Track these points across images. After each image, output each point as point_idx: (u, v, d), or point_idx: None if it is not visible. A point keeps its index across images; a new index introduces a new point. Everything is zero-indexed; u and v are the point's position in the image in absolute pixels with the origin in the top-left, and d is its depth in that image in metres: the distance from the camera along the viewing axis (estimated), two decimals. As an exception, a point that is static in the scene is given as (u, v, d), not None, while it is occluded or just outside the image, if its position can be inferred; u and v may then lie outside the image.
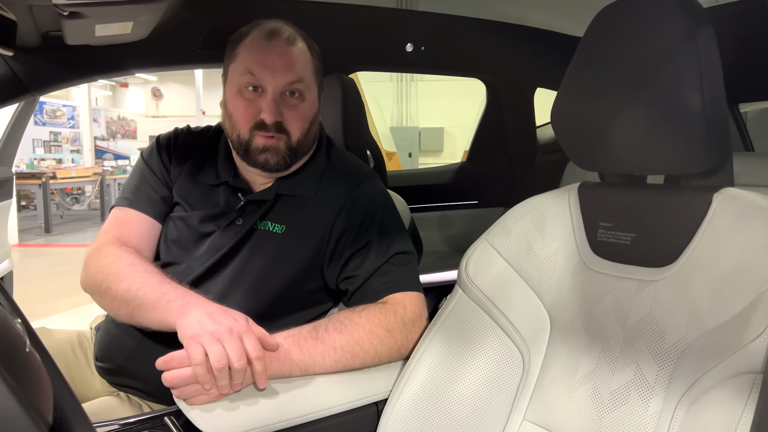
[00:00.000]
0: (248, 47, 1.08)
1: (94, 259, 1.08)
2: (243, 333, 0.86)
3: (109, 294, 1.02)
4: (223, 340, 0.84)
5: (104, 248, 1.09)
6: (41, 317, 3.85)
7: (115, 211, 1.17)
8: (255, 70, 1.05)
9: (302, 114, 1.09)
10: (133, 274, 1.01)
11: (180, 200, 1.17)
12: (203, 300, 0.93)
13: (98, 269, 1.06)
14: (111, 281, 1.02)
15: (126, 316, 1.00)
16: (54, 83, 1.37)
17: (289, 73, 1.06)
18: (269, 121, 1.05)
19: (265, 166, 1.09)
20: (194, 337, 0.84)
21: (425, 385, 0.96)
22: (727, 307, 0.71)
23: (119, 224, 1.14)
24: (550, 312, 0.92)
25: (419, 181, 2.49)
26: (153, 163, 1.20)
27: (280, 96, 1.06)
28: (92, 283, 1.07)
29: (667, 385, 0.75)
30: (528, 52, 2.13)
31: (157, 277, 1.00)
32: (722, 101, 0.77)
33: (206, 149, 1.20)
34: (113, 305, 1.03)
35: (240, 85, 1.07)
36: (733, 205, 0.76)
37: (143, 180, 1.19)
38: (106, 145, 12.66)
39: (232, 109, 1.09)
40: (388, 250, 1.09)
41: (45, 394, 0.45)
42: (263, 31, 1.08)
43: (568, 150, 0.93)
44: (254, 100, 1.06)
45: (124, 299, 0.98)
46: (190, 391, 0.85)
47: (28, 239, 7.35)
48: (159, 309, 0.93)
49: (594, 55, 0.86)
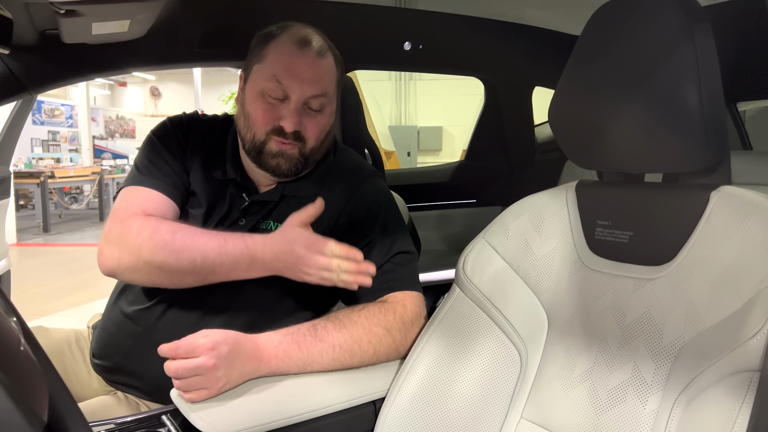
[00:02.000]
0: (278, 52, 1.05)
1: (124, 234, 1.01)
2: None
3: (166, 268, 0.98)
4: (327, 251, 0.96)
5: (132, 221, 1.02)
6: (39, 316, 3.85)
7: (131, 190, 1.09)
8: (282, 78, 1.03)
9: (321, 125, 1.08)
10: (185, 242, 0.98)
11: (195, 190, 1.14)
12: (260, 241, 0.98)
13: (139, 244, 0.99)
14: (164, 255, 0.97)
15: (195, 282, 1.01)
16: (51, 82, 1.37)
17: (315, 86, 1.05)
18: (289, 130, 1.04)
19: (276, 171, 1.08)
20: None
21: (423, 383, 0.96)
22: (725, 305, 0.71)
23: (141, 200, 1.07)
24: (548, 310, 0.92)
25: (418, 180, 2.49)
26: (170, 144, 1.14)
27: (302, 106, 1.05)
28: (134, 260, 1.00)
29: (665, 383, 0.75)
30: (526, 50, 2.13)
31: (214, 239, 0.99)
32: (720, 99, 0.77)
33: (216, 142, 1.17)
34: (174, 277, 1.00)
35: (264, 89, 1.04)
36: (730, 203, 0.76)
37: (160, 158, 1.12)
38: (104, 144, 12.64)
39: (250, 110, 1.07)
40: (390, 250, 1.09)
41: (40, 393, 0.45)
42: (295, 36, 1.05)
43: (566, 148, 0.93)
44: (276, 106, 1.05)
45: (188, 270, 0.98)
46: (190, 384, 0.85)
47: (26, 238, 7.34)
48: (237, 270, 0.99)
49: (591, 53, 0.86)
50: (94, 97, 13.29)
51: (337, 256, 0.96)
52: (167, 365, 0.85)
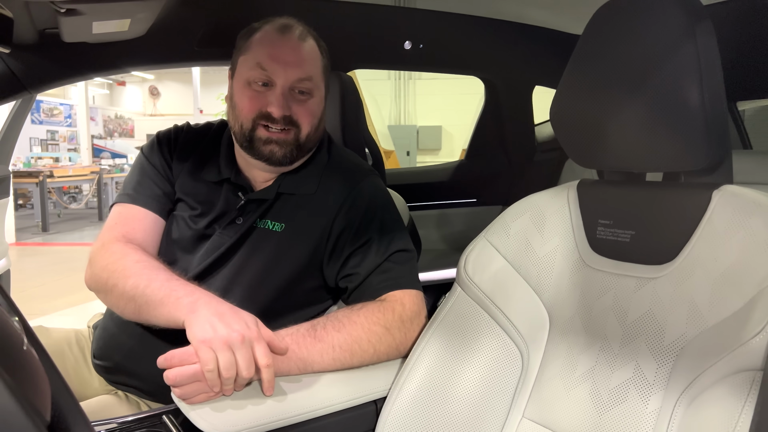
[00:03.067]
0: (260, 40, 1.07)
1: (99, 256, 1.06)
2: (254, 340, 0.85)
3: (116, 291, 1.00)
4: (235, 348, 0.83)
5: (110, 245, 1.07)
6: (39, 316, 3.85)
7: (117, 208, 1.15)
8: (266, 64, 1.05)
9: (311, 109, 1.09)
10: (140, 271, 0.99)
11: (182, 197, 1.16)
12: (213, 297, 0.92)
13: (104, 266, 1.04)
14: (117, 278, 1.00)
15: (133, 313, 0.98)
16: (51, 81, 1.37)
17: (299, 68, 1.06)
18: (277, 115, 1.05)
19: (271, 159, 1.08)
20: (206, 341, 0.83)
21: (424, 383, 0.96)
22: (727, 305, 0.71)
23: (123, 221, 1.12)
24: (549, 310, 0.92)
25: (418, 179, 2.49)
26: (155, 159, 1.18)
27: (288, 91, 1.06)
28: (98, 280, 1.05)
29: (667, 382, 0.75)
30: (526, 49, 2.13)
31: (165, 273, 0.98)
32: (722, 98, 0.77)
33: (208, 146, 1.19)
34: (120, 303, 1.01)
35: (249, 78, 1.06)
36: (732, 202, 0.76)
37: (145, 176, 1.17)
38: (103, 143, 12.62)
39: (237, 100, 1.09)
40: (388, 248, 1.09)
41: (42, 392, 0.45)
42: (275, 25, 1.08)
43: (566, 148, 0.93)
44: (262, 93, 1.06)
45: (131, 296, 0.97)
46: (190, 390, 0.85)
47: (25, 238, 7.34)
48: (167, 306, 0.91)
49: (593, 52, 0.86)
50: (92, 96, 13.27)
51: (246, 368, 0.84)
52: (166, 374, 0.84)
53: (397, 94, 9.93)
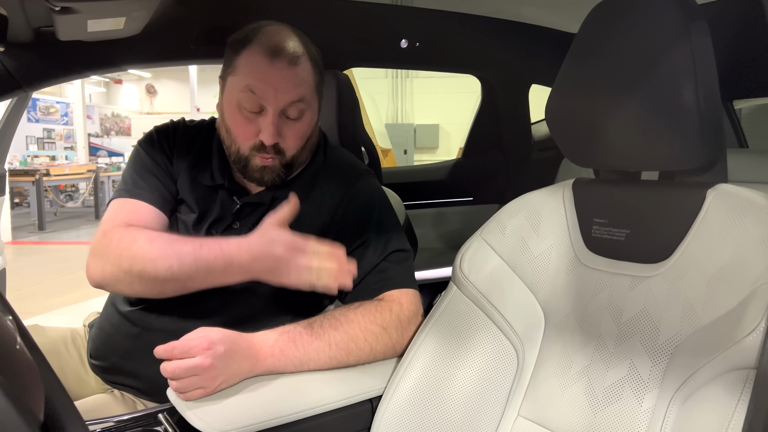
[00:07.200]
0: (250, 63, 1.03)
1: (105, 245, 1.02)
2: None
3: (146, 276, 0.97)
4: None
5: (114, 232, 1.03)
6: (35, 315, 3.84)
7: (117, 202, 1.10)
8: (256, 89, 1.02)
9: (300, 132, 1.08)
10: (162, 249, 0.96)
11: (184, 197, 1.14)
12: (235, 244, 0.94)
13: (119, 254, 0.99)
14: (143, 263, 0.97)
15: (175, 291, 0.99)
16: (46, 79, 1.36)
17: (291, 93, 1.03)
18: (268, 143, 1.04)
19: (260, 182, 1.09)
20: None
21: (420, 381, 0.96)
22: (721, 303, 0.71)
23: (125, 212, 1.08)
24: (545, 308, 0.92)
25: (414, 177, 2.49)
26: (155, 155, 1.15)
27: (280, 115, 1.04)
28: (116, 270, 1.00)
29: (661, 381, 0.75)
30: (523, 48, 2.13)
31: (189, 244, 0.97)
32: (716, 97, 0.77)
33: (201, 147, 1.17)
34: (154, 286, 0.98)
35: (239, 100, 1.04)
36: (727, 201, 0.76)
37: (146, 171, 1.13)
38: (99, 142, 12.58)
39: (230, 123, 1.07)
40: (385, 248, 1.09)
41: (35, 392, 0.45)
42: (266, 45, 1.02)
43: (562, 146, 0.93)
44: (254, 119, 1.04)
45: (168, 277, 0.95)
46: (187, 384, 0.85)
47: (21, 236, 7.32)
48: (215, 273, 0.95)
49: (588, 51, 0.86)
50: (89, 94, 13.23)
51: (318, 256, 0.93)
52: (164, 366, 0.85)
53: (394, 92, 9.94)
